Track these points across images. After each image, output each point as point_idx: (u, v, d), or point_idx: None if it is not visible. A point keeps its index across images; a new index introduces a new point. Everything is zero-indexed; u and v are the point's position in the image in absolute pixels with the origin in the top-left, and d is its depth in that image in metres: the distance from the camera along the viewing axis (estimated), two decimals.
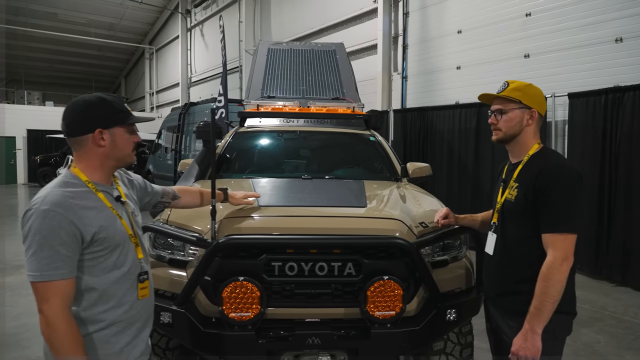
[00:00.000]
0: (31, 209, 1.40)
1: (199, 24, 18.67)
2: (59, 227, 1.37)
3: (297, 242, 2.14)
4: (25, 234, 1.39)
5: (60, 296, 1.38)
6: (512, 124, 1.89)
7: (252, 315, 2.06)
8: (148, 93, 24.64)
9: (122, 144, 1.55)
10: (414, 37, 9.09)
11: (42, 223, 1.37)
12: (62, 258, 1.38)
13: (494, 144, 6.68)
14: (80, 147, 1.52)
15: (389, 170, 3.82)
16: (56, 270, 1.37)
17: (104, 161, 1.54)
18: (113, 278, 1.50)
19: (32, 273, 1.37)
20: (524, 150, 1.92)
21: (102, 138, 1.50)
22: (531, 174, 1.82)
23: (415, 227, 2.36)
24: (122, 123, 1.55)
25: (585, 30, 6.28)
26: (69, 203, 1.42)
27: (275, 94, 5.62)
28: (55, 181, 1.50)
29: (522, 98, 1.87)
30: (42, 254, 1.36)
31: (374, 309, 2.11)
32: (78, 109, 1.52)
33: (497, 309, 1.95)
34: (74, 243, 1.40)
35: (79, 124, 1.50)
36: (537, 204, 1.78)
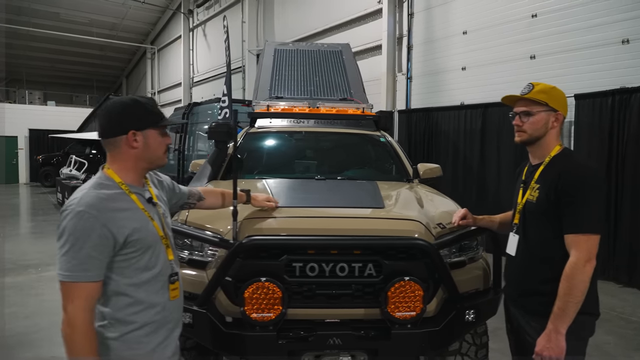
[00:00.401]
0: (67, 209, 1.42)
1: (202, 24, 18.68)
2: (92, 230, 1.39)
3: (319, 243, 2.15)
4: (60, 233, 1.41)
5: (84, 298, 1.39)
6: (538, 127, 1.90)
7: (273, 315, 2.07)
8: (150, 93, 24.63)
9: (155, 145, 1.57)
10: (419, 37, 9.10)
11: (76, 224, 1.38)
12: (92, 261, 1.40)
13: (499, 145, 6.71)
14: (114, 148, 1.54)
15: (400, 171, 3.83)
16: (84, 272, 1.39)
17: (136, 163, 1.56)
18: (145, 279, 1.51)
19: (62, 272, 1.39)
20: (546, 151, 1.94)
21: (135, 140, 1.52)
22: (553, 175, 1.84)
23: (434, 228, 2.37)
24: (154, 125, 1.56)
25: (592, 31, 6.29)
26: (104, 205, 1.43)
27: (283, 95, 5.63)
28: (90, 182, 1.51)
29: (548, 101, 1.88)
30: (73, 255, 1.38)
31: (395, 309, 2.12)
32: (113, 110, 1.54)
33: (519, 310, 1.96)
34: (106, 246, 1.42)
35: (113, 126, 1.52)
36: (559, 205, 1.79)
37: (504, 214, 2.38)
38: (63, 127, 18.02)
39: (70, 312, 1.38)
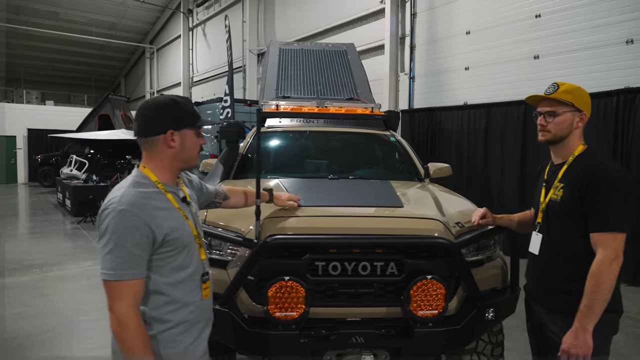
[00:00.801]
0: (107, 208, 1.42)
1: (201, 23, 18.65)
2: (134, 228, 1.40)
3: (343, 242, 2.16)
4: (102, 233, 1.41)
5: (131, 295, 1.40)
6: (563, 127, 1.91)
7: (296, 314, 2.08)
8: (149, 92, 24.58)
9: (191, 145, 1.57)
10: (422, 37, 9.12)
11: (119, 223, 1.39)
12: (135, 258, 1.40)
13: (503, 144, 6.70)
14: (151, 147, 1.54)
15: (411, 171, 3.85)
16: (129, 270, 1.39)
17: (172, 162, 1.56)
18: (180, 278, 1.51)
19: (106, 271, 1.40)
20: (569, 151, 1.95)
21: (172, 139, 1.53)
22: (578, 174, 1.85)
23: (452, 227, 2.38)
24: (192, 125, 1.57)
25: (596, 32, 6.32)
26: (144, 203, 1.44)
27: (290, 94, 5.64)
28: (128, 181, 1.51)
29: (574, 101, 1.90)
30: (116, 253, 1.38)
31: (417, 308, 2.13)
32: (151, 109, 1.55)
33: (544, 308, 1.97)
34: (147, 244, 1.43)
35: (152, 125, 1.53)
36: (584, 204, 1.80)
37: (522, 213, 2.39)
38: (62, 126, 17.94)
39: (118, 311, 1.39)
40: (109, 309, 1.41)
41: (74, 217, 10.19)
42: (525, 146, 6.99)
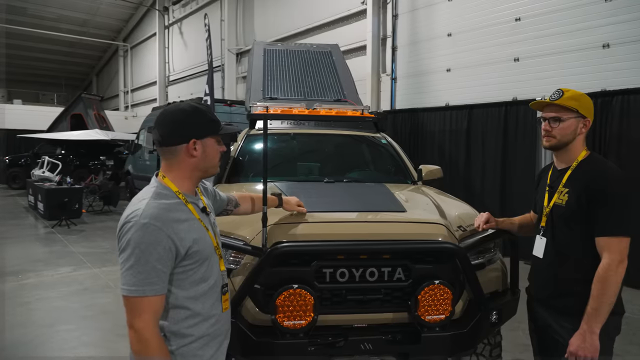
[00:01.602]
0: (130, 221, 1.36)
1: (177, 21, 18.31)
2: (157, 242, 1.34)
3: (353, 249, 2.14)
4: (123, 247, 1.35)
5: (152, 312, 1.35)
6: (568, 132, 1.94)
7: (305, 323, 2.05)
8: (122, 91, 23.99)
9: (212, 154, 1.53)
10: (404, 39, 9.19)
11: (142, 237, 1.33)
12: (158, 273, 1.35)
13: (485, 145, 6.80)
14: (172, 157, 1.49)
15: (403, 173, 3.87)
16: (151, 286, 1.34)
17: (193, 172, 1.52)
18: (201, 291, 1.47)
19: (127, 287, 1.34)
20: (573, 156, 1.98)
21: (195, 148, 1.48)
22: (583, 179, 1.89)
23: (455, 231, 2.40)
24: (214, 133, 1.53)
25: (574, 35, 6.50)
26: (167, 216, 1.39)
27: (277, 96, 5.58)
28: (149, 192, 1.45)
29: (579, 107, 1.93)
30: (138, 268, 1.33)
31: (425, 313, 2.13)
32: (173, 118, 1.49)
33: (548, 310, 2.00)
34: (169, 258, 1.38)
35: (175, 134, 1.47)
36: (589, 208, 1.84)
37: (522, 216, 2.43)
38: (31, 126, 17.29)
39: (140, 328, 1.33)
40: (128, 326, 1.35)
41: (48, 220, 9.84)
42: (506, 147, 7.14)
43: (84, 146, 15.16)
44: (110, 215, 11.11)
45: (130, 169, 13.98)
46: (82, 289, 5.40)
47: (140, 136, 13.48)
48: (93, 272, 6.11)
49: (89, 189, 11.89)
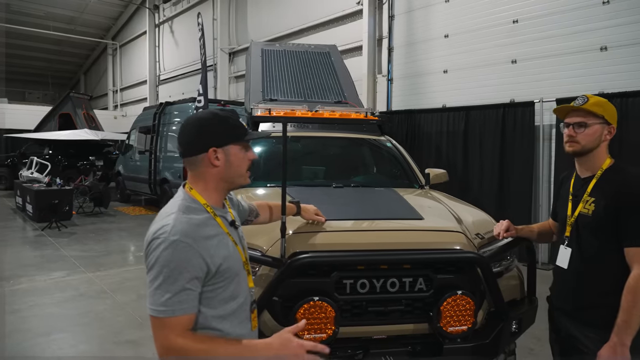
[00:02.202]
0: (159, 237, 1.27)
1: (168, 20, 18.08)
2: (187, 260, 1.26)
3: (377, 259, 2.08)
4: (152, 265, 1.27)
5: (181, 332, 1.26)
6: (592, 139, 1.90)
7: (325, 336, 1.98)
8: (111, 90, 23.64)
9: (237, 162, 1.43)
10: (400, 40, 9.16)
11: (172, 255, 1.25)
12: (188, 293, 1.27)
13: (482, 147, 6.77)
14: (195, 168, 1.41)
15: (410, 177, 3.82)
16: (180, 305, 1.26)
17: (218, 183, 1.43)
18: (230, 310, 1.38)
19: (156, 307, 1.25)
20: (596, 164, 1.95)
21: (216, 157, 1.39)
22: (611, 189, 1.85)
23: (474, 239, 2.35)
24: (237, 140, 1.43)
25: (571, 38, 6.53)
26: (197, 233, 1.30)
27: (277, 97, 5.50)
28: (177, 205, 1.37)
29: (604, 113, 1.90)
30: (168, 288, 1.24)
31: (447, 324, 2.08)
32: (192, 127, 1.42)
33: (574, 321, 1.96)
34: (200, 277, 1.29)
35: (193, 143, 1.39)
36: (619, 218, 1.80)
37: (540, 224, 2.39)
38: (17, 125, 16.94)
39: (167, 348, 1.25)
40: (159, 348, 1.26)
41: (37, 223, 9.62)
42: (503, 149, 7.14)
43: (73, 146, 14.89)
44: (101, 217, 10.91)
45: (120, 169, 13.77)
46: (77, 294, 5.26)
47: (131, 136, 13.28)
48: (87, 276, 5.97)
49: (78, 190, 11.68)
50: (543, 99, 6.66)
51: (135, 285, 5.58)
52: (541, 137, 6.78)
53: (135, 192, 13.33)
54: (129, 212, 11.94)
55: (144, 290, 4.90)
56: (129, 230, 9.38)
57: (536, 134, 6.80)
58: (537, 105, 6.73)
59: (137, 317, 4.57)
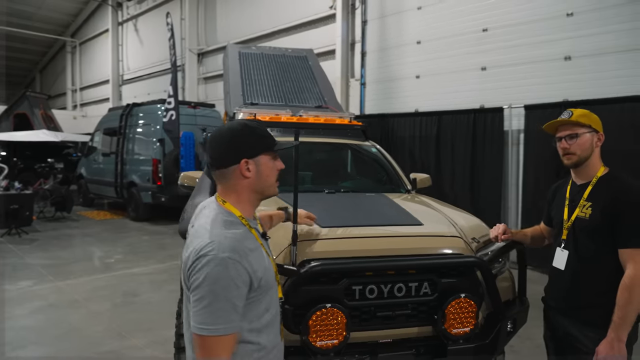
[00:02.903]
0: (206, 254, 1.25)
1: (132, 18, 17.56)
2: (237, 277, 1.25)
3: (386, 265, 2.12)
4: (199, 283, 1.24)
5: (229, 350, 1.25)
6: (585, 147, 2.03)
7: (337, 342, 2.01)
8: (70, 90, 22.68)
9: (267, 172, 1.44)
10: (373, 45, 9.30)
11: (222, 272, 1.23)
12: (236, 309, 1.26)
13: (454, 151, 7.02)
14: (226, 180, 1.41)
15: (397, 182, 3.90)
16: (229, 323, 1.24)
17: (250, 194, 1.43)
18: (265, 322, 1.38)
19: (204, 326, 1.23)
20: (592, 171, 2.07)
21: (247, 168, 1.39)
22: (607, 195, 1.97)
23: (471, 243, 2.44)
24: (267, 150, 1.44)
25: (538, 47, 6.85)
26: (242, 247, 1.29)
27: (258, 101, 5.47)
28: (215, 219, 1.35)
29: (591, 123, 2.03)
30: (217, 306, 1.23)
31: (451, 326, 2.16)
32: (222, 139, 1.41)
33: (570, 320, 2.06)
34: (245, 292, 1.29)
35: (225, 155, 1.39)
36: (615, 221, 1.92)
37: (532, 228, 2.51)
38: None
39: None
40: None
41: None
42: (474, 153, 7.39)
43: (30, 148, 14.19)
44: (64, 222, 10.46)
45: (83, 172, 13.24)
46: (47, 305, 5.03)
47: (95, 138, 12.80)
48: (56, 285, 5.72)
49: (39, 194, 11.13)
50: (512, 105, 6.95)
51: (109, 294, 5.40)
52: (510, 141, 7.07)
53: (99, 196, 12.85)
54: (94, 216, 11.51)
55: (119, 298, 4.82)
56: (94, 235, 9.04)
57: (505, 139, 7.09)
58: (506, 111, 7.02)
59: (115, 326, 4.43)
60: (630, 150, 5.32)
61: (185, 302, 1.41)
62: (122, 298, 5.27)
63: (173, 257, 7.25)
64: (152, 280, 5.97)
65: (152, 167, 10.13)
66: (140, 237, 8.93)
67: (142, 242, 8.47)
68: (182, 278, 1.37)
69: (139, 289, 5.60)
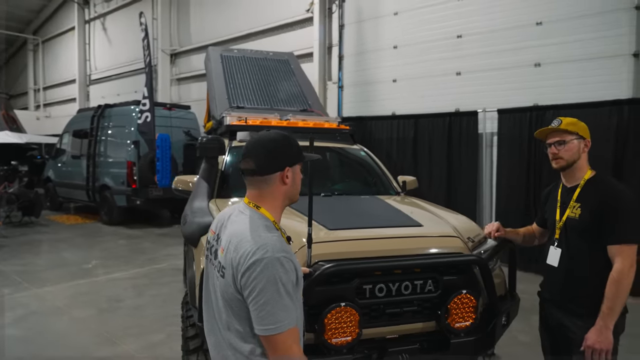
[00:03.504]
0: (263, 258, 1.33)
1: (100, 16, 17.09)
2: (291, 272, 1.36)
3: (396, 265, 2.24)
4: (263, 287, 1.31)
5: (297, 341, 1.37)
6: (572, 152, 2.23)
7: (350, 339, 2.12)
8: (32, 89, 21.81)
9: (298, 181, 1.57)
10: (350, 49, 9.47)
11: (280, 271, 1.33)
12: (295, 303, 1.37)
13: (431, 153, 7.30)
14: (266, 186, 1.50)
15: (387, 185, 4.04)
16: (292, 316, 1.35)
17: (284, 200, 1.54)
18: (300, 316, 1.48)
19: (273, 325, 1.31)
20: (579, 174, 2.26)
21: (287, 176, 1.50)
22: (594, 196, 2.16)
23: (467, 242, 2.60)
24: (301, 160, 1.57)
25: (509, 54, 7.18)
26: (288, 248, 1.41)
27: (243, 105, 5.52)
28: (258, 225, 1.43)
29: (578, 130, 2.22)
30: (281, 303, 1.32)
31: (453, 321, 2.30)
32: (269, 147, 1.50)
33: (564, 312, 2.24)
34: (295, 286, 1.40)
35: (271, 162, 1.49)
36: (603, 220, 2.10)
37: (526, 228, 2.68)
38: None
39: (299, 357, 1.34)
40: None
41: None
42: (450, 155, 7.66)
43: None
44: (33, 228, 10.12)
45: (51, 175, 12.81)
46: (29, 312, 4.90)
47: (63, 140, 12.40)
48: (35, 293, 5.57)
49: (3, 198, 10.70)
50: (485, 109, 7.26)
51: (92, 300, 5.31)
52: (484, 144, 7.38)
53: (68, 200, 12.47)
54: (64, 221, 11.16)
55: (104, 304, 4.80)
56: (67, 241, 8.79)
57: (480, 141, 7.39)
58: (480, 114, 7.32)
59: (103, 332, 4.38)
60: (591, 152, 5.66)
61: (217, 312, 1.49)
62: (106, 304, 5.19)
63: (153, 261, 7.17)
64: (134, 285, 5.90)
65: (126, 169, 9.94)
66: (117, 241, 8.76)
67: (119, 246, 8.31)
68: (222, 283, 1.44)
69: (123, 294, 5.53)
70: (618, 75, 6.14)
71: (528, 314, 4.31)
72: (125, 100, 12.38)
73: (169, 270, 6.63)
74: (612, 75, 6.17)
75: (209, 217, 2.80)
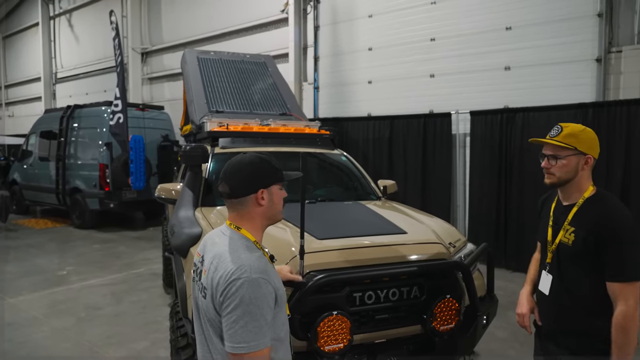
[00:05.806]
0: (240, 277, 1.36)
1: (66, 12, 16.54)
2: (269, 294, 1.39)
3: (382, 273, 2.33)
4: (236, 305, 1.35)
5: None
6: (566, 170, 1.88)
7: (342, 346, 2.20)
8: None
9: (277, 201, 1.59)
10: (326, 50, 9.54)
11: (256, 292, 1.36)
12: (268, 325, 1.39)
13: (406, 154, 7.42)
14: (242, 207, 1.54)
15: (368, 190, 4.14)
16: (264, 338, 1.37)
17: (262, 220, 1.57)
18: (283, 336, 1.50)
19: (241, 345, 1.34)
20: (578, 193, 1.92)
21: (262, 197, 1.53)
22: (591, 220, 1.83)
23: (449, 248, 2.73)
24: (279, 180, 1.59)
25: (480, 57, 7.42)
26: (268, 268, 1.44)
27: (222, 109, 5.51)
28: (238, 246, 1.47)
29: (577, 144, 1.86)
30: (253, 324, 1.35)
31: (438, 325, 2.42)
32: (241, 170, 1.54)
33: (560, 348, 1.95)
34: (273, 308, 1.42)
35: (244, 185, 1.52)
36: (598, 251, 1.79)
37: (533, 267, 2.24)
38: None
39: None
40: None
41: None
42: (425, 156, 7.85)
43: None
44: (0, 233, 9.77)
45: (17, 178, 12.37)
46: (5, 324, 4.77)
47: (30, 141, 11.99)
48: (10, 303, 5.42)
49: None
50: (458, 111, 7.47)
51: (70, 308, 5.21)
52: (457, 144, 7.60)
53: (35, 203, 12.09)
54: (33, 225, 10.82)
55: (83, 312, 4.77)
56: (39, 246, 8.54)
57: (453, 142, 7.60)
58: (453, 116, 7.53)
59: (84, 342, 4.32)
60: None
61: (204, 327, 1.51)
62: (85, 312, 5.11)
63: (130, 266, 7.07)
64: (112, 292, 5.82)
65: (99, 172, 9.72)
66: (91, 246, 8.57)
67: (93, 251, 8.14)
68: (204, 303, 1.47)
69: (101, 302, 5.45)
70: (582, 80, 6.46)
71: (504, 310, 4.53)
72: (94, 99, 12.09)
73: (147, 275, 6.56)
74: (577, 79, 6.49)
75: (197, 227, 2.83)
